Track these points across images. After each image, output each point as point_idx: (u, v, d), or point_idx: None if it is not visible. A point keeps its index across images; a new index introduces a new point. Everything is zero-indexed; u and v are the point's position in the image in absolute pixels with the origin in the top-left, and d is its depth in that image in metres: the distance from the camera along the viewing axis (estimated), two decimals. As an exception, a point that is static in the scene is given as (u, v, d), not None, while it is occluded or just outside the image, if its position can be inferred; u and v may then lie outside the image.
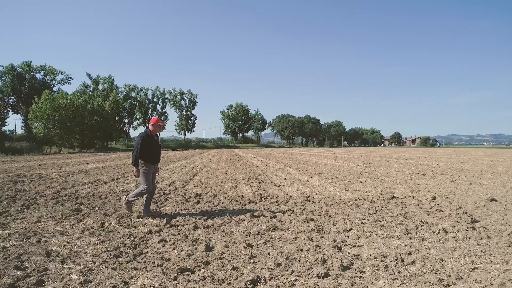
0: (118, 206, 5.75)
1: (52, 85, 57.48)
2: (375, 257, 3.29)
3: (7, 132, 51.59)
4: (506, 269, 3.00)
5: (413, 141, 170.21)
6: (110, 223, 4.57)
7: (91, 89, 62.95)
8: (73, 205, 5.70)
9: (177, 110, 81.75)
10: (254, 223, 4.55)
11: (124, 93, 68.50)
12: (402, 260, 3.25)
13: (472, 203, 6.12)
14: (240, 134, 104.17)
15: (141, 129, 76.42)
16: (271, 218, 4.88)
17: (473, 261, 3.19)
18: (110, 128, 53.87)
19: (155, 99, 76.95)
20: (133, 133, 74.15)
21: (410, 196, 6.85)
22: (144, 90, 74.69)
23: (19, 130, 55.34)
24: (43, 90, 43.30)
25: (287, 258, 3.18)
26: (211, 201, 6.26)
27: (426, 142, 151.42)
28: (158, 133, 5.47)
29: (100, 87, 63.90)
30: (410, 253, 3.39)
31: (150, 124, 5.21)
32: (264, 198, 6.59)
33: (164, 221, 4.62)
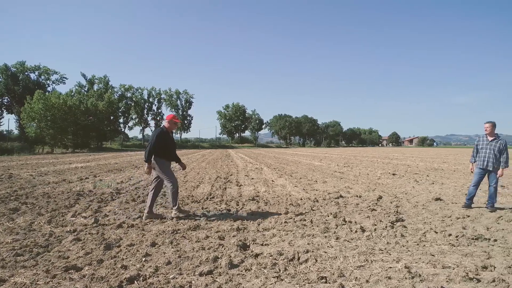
0: (61, 205, 5.79)
1: (47, 85, 57.51)
2: (271, 255, 3.35)
3: (5, 132, 51.77)
4: (390, 267, 3.06)
5: (411, 141, 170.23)
6: (39, 223, 4.62)
7: (86, 89, 62.98)
8: (15, 205, 5.75)
9: (173, 110, 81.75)
10: (178, 222, 4.60)
11: (120, 93, 68.53)
12: (298, 258, 3.31)
13: (414, 203, 6.18)
14: (237, 134, 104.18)
15: (137, 129, 76.56)
16: (201, 217, 4.93)
17: (365, 259, 3.25)
18: (105, 128, 53.93)
19: (150, 99, 76.96)
20: (130, 133, 74.31)
21: (358, 196, 6.91)
22: (139, 90, 74.71)
23: (15, 131, 55.48)
24: (37, 90, 43.34)
25: (179, 257, 3.24)
26: (157, 202, 6.31)
27: (424, 142, 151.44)
28: (173, 131, 5.21)
29: (95, 87, 63.95)
30: (308, 251, 3.44)
31: (166, 120, 5.00)
32: (211, 198, 6.64)
33: (92, 220, 4.67)
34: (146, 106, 76.13)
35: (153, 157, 4.78)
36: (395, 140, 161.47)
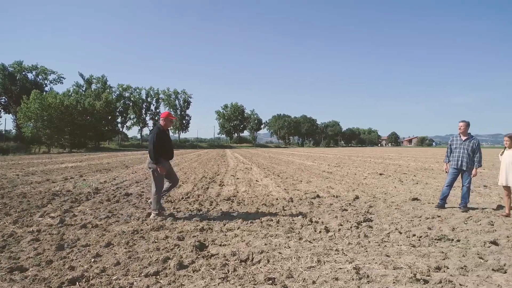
0: (33, 205, 5.76)
1: (44, 85, 57.49)
2: (225, 256, 3.32)
3: (4, 132, 51.74)
4: (340, 268, 3.02)
5: (410, 141, 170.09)
6: (5, 223, 4.59)
7: (83, 89, 62.96)
8: (-13, 205, 5.72)
9: (171, 110, 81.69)
10: (143, 223, 4.57)
11: (117, 93, 68.53)
12: (252, 259, 3.27)
13: (390, 203, 6.14)
14: (236, 134, 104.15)
15: (135, 129, 76.52)
16: (167, 217, 4.89)
17: (318, 260, 3.21)
18: (102, 128, 53.90)
19: (149, 99, 76.96)
20: (129, 133, 74.20)
21: (336, 196, 6.87)
22: (137, 90, 74.71)
23: (13, 131, 55.42)
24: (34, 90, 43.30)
25: (130, 258, 3.20)
26: (132, 201, 6.27)
27: (423, 142, 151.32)
28: (169, 128, 5.21)
29: (93, 86, 63.93)
30: (262, 252, 3.40)
31: (161, 118, 4.98)
32: (186, 198, 6.61)
33: (58, 220, 4.63)
34: (144, 106, 76.14)
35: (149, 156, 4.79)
36: (394, 140, 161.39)
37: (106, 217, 4.89)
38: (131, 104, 72.70)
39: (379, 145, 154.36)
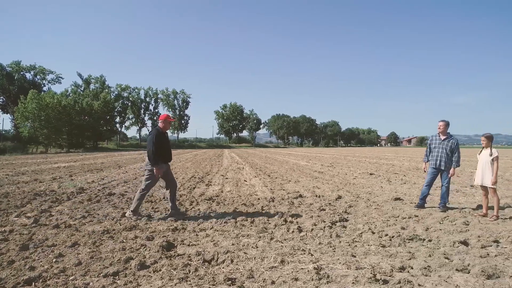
0: (12, 205, 5.73)
1: (43, 85, 57.49)
2: (189, 256, 3.29)
3: (2, 132, 51.73)
4: (302, 268, 3.00)
5: (409, 141, 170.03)
6: (-22, 223, 4.57)
7: (82, 89, 62.92)
8: (-35, 205, 5.70)
9: (170, 110, 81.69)
10: (116, 222, 4.55)
11: (116, 93, 68.50)
12: (216, 259, 3.25)
13: (371, 203, 6.12)
14: (235, 134, 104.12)
15: (134, 129, 76.53)
16: (142, 217, 4.87)
17: (282, 260, 3.18)
18: (100, 128, 53.89)
19: (147, 99, 76.92)
20: (128, 133, 74.17)
21: (318, 196, 6.85)
22: (136, 90, 74.69)
23: (12, 130, 55.36)
24: (31, 90, 43.28)
25: (92, 258, 3.18)
26: (112, 201, 6.25)
27: (422, 142, 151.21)
28: (167, 130, 5.20)
29: (92, 86, 63.88)
30: (228, 252, 3.38)
31: (160, 121, 4.99)
32: (166, 198, 6.58)
33: (32, 220, 4.61)
34: (143, 106, 76.12)
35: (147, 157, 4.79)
36: (394, 140, 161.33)
37: (82, 217, 4.86)
38: (129, 104, 72.69)
39: (378, 145, 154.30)
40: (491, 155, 4.78)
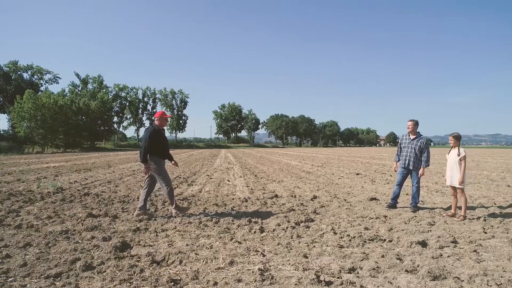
0: (-17, 205, 5.71)
1: (40, 85, 57.48)
2: (139, 257, 3.26)
3: (2, 132, 51.70)
4: (248, 269, 2.97)
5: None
6: None
7: (79, 89, 62.89)
8: None
9: (168, 109, 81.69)
10: (79, 223, 4.51)
11: (114, 92, 68.48)
12: (167, 260, 3.22)
13: (345, 203, 6.08)
14: (233, 134, 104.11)
15: (132, 129, 76.53)
16: (106, 217, 4.83)
17: (231, 261, 3.15)
18: (97, 128, 53.85)
19: (145, 99, 76.92)
20: (127, 133, 74.15)
21: (294, 196, 6.81)
22: (134, 90, 74.67)
23: (9, 131, 55.35)
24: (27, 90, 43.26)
25: (39, 259, 3.14)
26: (85, 201, 6.22)
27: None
28: (164, 128, 5.20)
29: (90, 86, 63.87)
30: (179, 253, 3.34)
31: (156, 118, 4.98)
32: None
33: (-4, 220, 4.58)
34: (141, 106, 76.08)
35: (148, 156, 4.79)
36: (393, 140, 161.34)
37: (47, 217, 4.82)
38: (127, 104, 72.67)
39: (377, 145, 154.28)
40: (458, 155, 4.75)
